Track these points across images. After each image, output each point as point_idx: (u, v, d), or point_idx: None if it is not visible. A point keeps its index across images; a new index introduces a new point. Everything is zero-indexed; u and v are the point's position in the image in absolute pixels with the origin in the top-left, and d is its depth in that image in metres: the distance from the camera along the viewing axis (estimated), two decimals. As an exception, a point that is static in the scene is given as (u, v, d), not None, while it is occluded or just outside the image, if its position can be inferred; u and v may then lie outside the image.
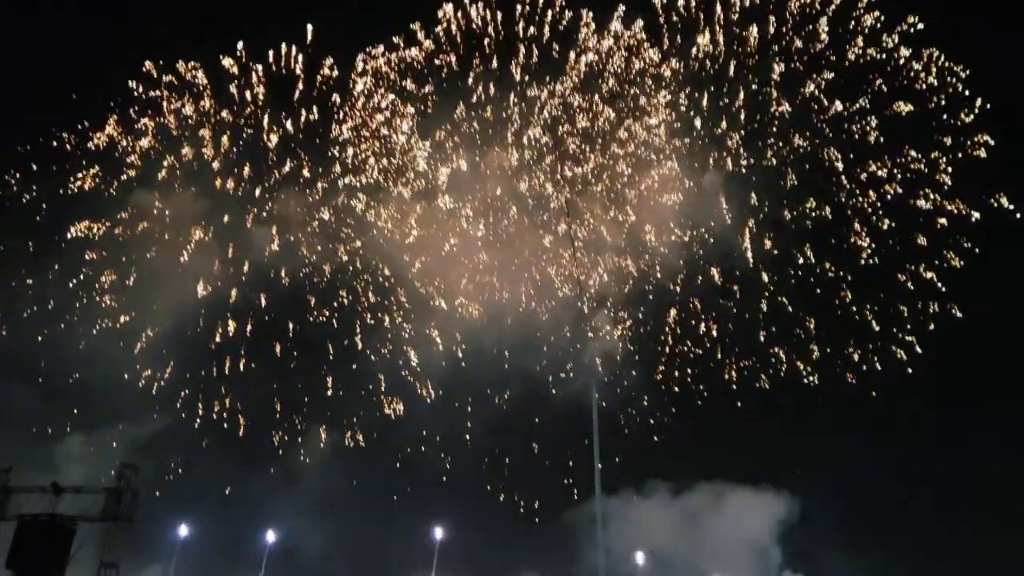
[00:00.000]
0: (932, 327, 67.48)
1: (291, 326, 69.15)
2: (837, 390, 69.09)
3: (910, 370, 67.66)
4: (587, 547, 65.02)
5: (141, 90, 68.91)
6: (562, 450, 70.06)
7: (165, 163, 68.96)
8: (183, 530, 60.55)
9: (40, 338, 65.44)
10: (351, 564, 65.61)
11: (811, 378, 69.12)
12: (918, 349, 67.66)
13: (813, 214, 69.87)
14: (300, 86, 69.42)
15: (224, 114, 69.59)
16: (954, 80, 66.40)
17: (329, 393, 69.66)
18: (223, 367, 67.73)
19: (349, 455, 68.68)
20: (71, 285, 67.03)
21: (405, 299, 70.09)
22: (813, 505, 67.85)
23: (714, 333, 70.65)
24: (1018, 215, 66.32)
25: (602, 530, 60.64)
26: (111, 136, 68.80)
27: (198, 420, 66.54)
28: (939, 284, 67.58)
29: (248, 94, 69.38)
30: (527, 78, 70.00)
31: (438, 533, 64.67)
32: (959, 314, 66.99)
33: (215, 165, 69.50)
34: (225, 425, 66.94)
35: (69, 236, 67.87)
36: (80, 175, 68.03)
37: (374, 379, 69.51)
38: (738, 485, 68.61)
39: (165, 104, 69.35)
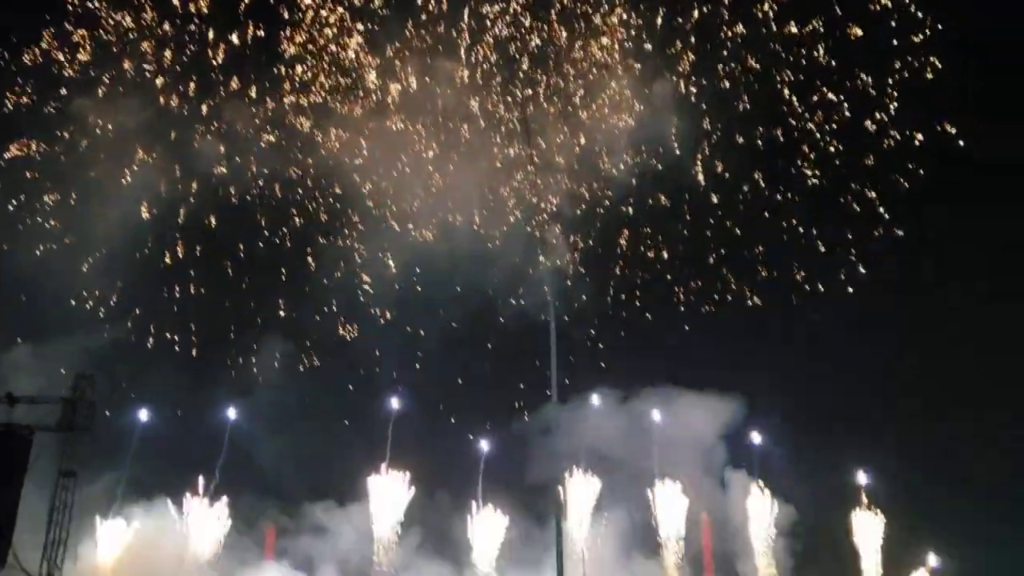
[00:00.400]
0: (876, 250, 69.93)
1: (242, 247, 68.50)
2: (783, 313, 71.59)
3: (850, 289, 70.18)
4: (538, 456, 67.30)
5: (76, 1, 66.16)
6: (513, 371, 71.46)
7: (105, 78, 66.67)
8: (143, 415, 60.30)
9: (-20, 259, 63.75)
10: (304, 473, 66.80)
11: (753, 299, 71.17)
12: (861, 269, 70.05)
13: (761, 139, 70.87)
14: (245, -1, 67.22)
15: (166, 27, 67.28)
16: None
17: (282, 314, 69.67)
18: (172, 288, 67.05)
19: (303, 377, 68.90)
20: (11, 207, 65.27)
21: (357, 220, 69.76)
22: (757, 408, 70.98)
23: (664, 255, 71.89)
24: (961, 142, 68.26)
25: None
26: (46, 50, 66.11)
27: (150, 340, 66.11)
28: (882, 208, 69.66)
29: (191, 6, 67.05)
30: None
31: (394, 403, 64.75)
32: (900, 233, 69.35)
33: (158, 81, 67.44)
34: (177, 348, 66.60)
35: (7, 156, 65.65)
36: (15, 90, 65.57)
37: (327, 300, 69.48)
38: (684, 390, 71.06)
39: (104, 17, 66.72)
